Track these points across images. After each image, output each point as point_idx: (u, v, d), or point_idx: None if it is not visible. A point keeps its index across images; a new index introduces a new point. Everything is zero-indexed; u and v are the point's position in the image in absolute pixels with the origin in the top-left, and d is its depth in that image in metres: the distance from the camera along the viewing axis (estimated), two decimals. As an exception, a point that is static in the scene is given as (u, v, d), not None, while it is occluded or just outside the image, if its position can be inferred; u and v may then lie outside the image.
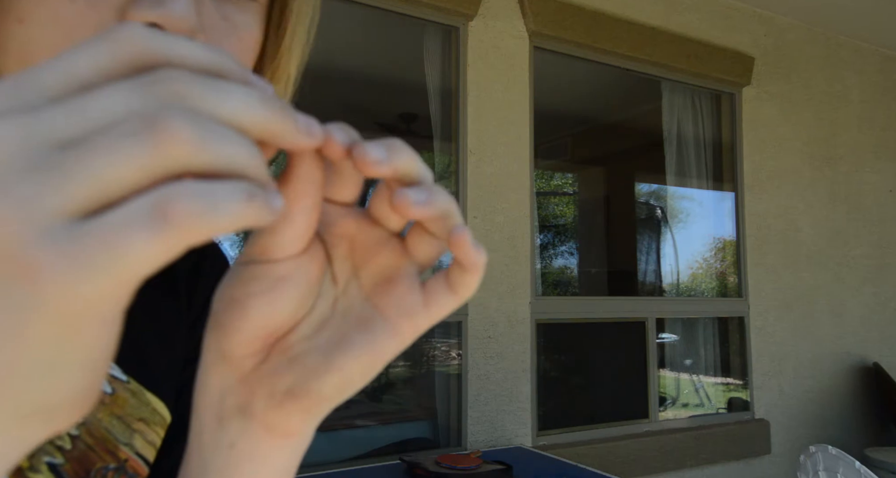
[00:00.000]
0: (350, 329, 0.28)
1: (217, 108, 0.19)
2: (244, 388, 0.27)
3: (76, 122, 0.18)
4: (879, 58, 4.18)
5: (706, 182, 3.57)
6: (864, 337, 3.87)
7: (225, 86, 0.19)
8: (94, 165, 0.17)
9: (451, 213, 0.25)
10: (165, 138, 0.17)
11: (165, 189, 0.17)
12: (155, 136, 0.17)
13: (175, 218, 0.17)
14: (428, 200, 0.24)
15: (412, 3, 2.59)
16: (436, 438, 2.70)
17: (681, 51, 3.28)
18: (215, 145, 0.18)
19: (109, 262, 0.17)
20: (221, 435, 0.28)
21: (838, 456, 2.10)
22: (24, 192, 0.17)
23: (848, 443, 3.63)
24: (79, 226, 0.17)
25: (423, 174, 0.26)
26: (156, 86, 0.18)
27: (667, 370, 3.54)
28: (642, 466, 2.91)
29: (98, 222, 0.17)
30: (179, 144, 0.17)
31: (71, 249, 0.16)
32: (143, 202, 0.17)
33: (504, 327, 2.69)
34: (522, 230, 2.77)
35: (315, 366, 0.27)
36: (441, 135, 2.77)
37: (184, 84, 0.18)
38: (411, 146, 0.27)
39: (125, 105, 0.18)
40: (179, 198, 0.17)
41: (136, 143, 0.17)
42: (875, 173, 4.06)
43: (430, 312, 0.27)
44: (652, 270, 5.32)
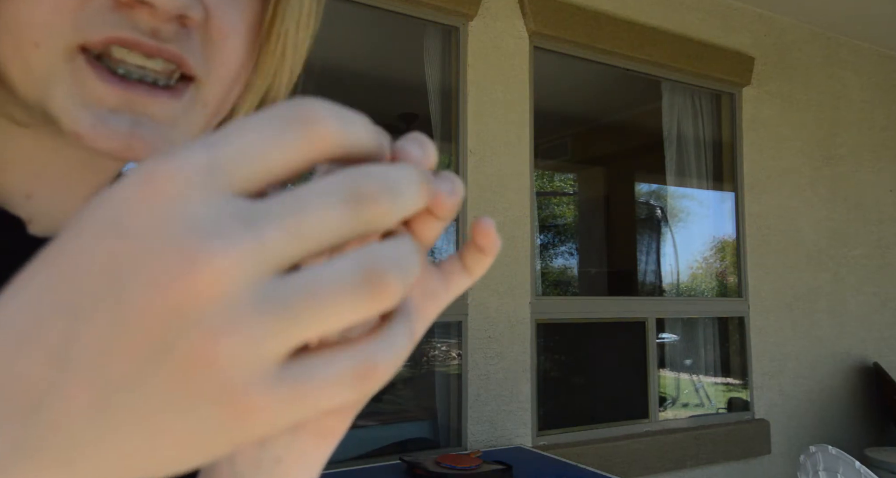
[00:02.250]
0: (438, 285, 0.29)
1: (402, 215, 0.19)
2: None
3: (297, 244, 0.17)
4: (879, 58, 4.18)
5: (706, 182, 3.57)
6: (864, 337, 3.87)
7: (401, 184, 0.19)
8: (318, 312, 0.17)
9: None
10: (382, 295, 0.18)
11: (370, 348, 0.18)
12: (375, 292, 0.17)
13: (372, 376, 0.18)
14: (453, 190, 0.24)
15: (412, 3, 2.59)
16: (436, 438, 2.70)
17: (681, 51, 3.28)
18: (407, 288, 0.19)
19: (311, 410, 0.18)
20: (263, 454, 0.29)
21: (838, 456, 2.10)
22: (253, 331, 0.16)
23: (848, 443, 3.64)
24: (292, 370, 0.17)
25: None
26: (363, 204, 0.18)
27: (667, 370, 3.54)
28: (642, 466, 2.91)
29: (310, 373, 0.17)
30: (389, 299, 0.18)
31: (284, 398, 0.17)
32: (350, 360, 0.18)
33: (504, 327, 2.69)
34: (522, 230, 2.77)
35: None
36: (441, 135, 2.77)
37: (383, 200, 0.18)
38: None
39: (338, 229, 0.18)
40: (379, 361, 0.18)
41: (358, 296, 0.17)
42: (875, 173, 4.06)
43: (449, 293, 0.29)
44: (652, 270, 5.32)
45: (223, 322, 0.16)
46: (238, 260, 0.16)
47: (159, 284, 0.16)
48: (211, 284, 0.16)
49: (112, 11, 0.32)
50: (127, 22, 0.32)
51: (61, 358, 0.16)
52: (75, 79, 0.32)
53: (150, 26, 0.32)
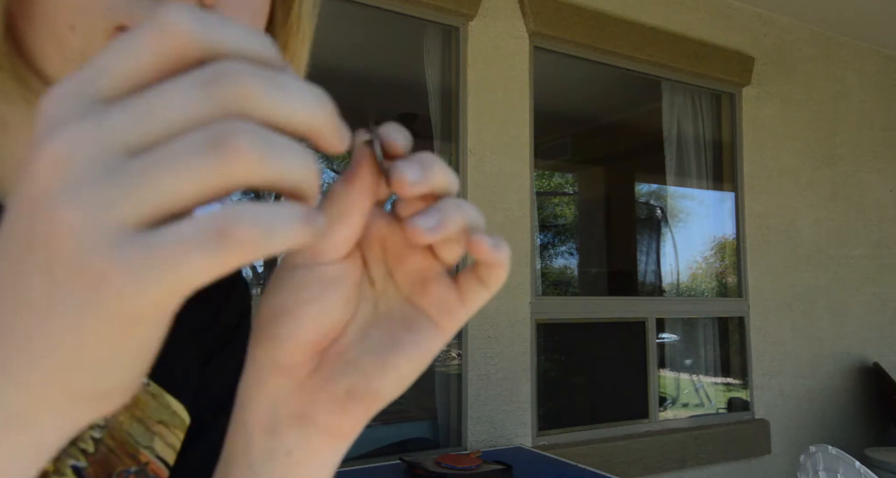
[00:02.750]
0: (397, 330, 0.28)
1: (277, 109, 0.19)
2: (301, 396, 0.28)
3: (142, 127, 0.18)
4: (879, 58, 4.18)
5: (706, 182, 3.57)
6: (864, 337, 3.87)
7: (283, 82, 0.19)
8: (162, 178, 0.17)
9: (469, 223, 0.26)
10: (231, 156, 0.18)
11: (227, 211, 0.18)
12: (222, 153, 0.18)
13: (234, 240, 0.17)
14: (439, 224, 0.25)
15: (412, 3, 2.59)
16: (436, 438, 2.70)
17: (681, 51, 3.28)
18: (278, 162, 0.18)
19: (168, 276, 0.17)
20: (275, 445, 0.29)
21: (838, 456, 2.10)
22: (95, 199, 0.17)
23: (848, 443, 3.63)
24: (142, 238, 0.17)
25: (452, 186, 0.27)
26: (217, 86, 0.18)
27: (667, 370, 3.54)
28: (642, 466, 2.91)
29: (161, 237, 0.17)
30: (245, 162, 0.18)
31: (134, 261, 0.17)
32: (206, 222, 0.17)
33: (504, 327, 2.69)
34: (522, 230, 2.77)
35: (371, 367, 0.28)
36: (441, 135, 2.77)
37: (244, 83, 0.18)
38: (415, 149, 0.28)
39: (189, 109, 0.18)
40: (241, 221, 0.17)
41: (204, 159, 0.17)
42: (875, 173, 4.06)
43: (466, 308, 0.29)
44: (652, 270, 5.32)
45: (63, 196, 0.17)
46: (74, 140, 0.17)
47: (24, 180, 0.18)
48: (50, 166, 0.17)
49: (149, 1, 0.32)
50: (159, 4, 0.32)
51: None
52: None
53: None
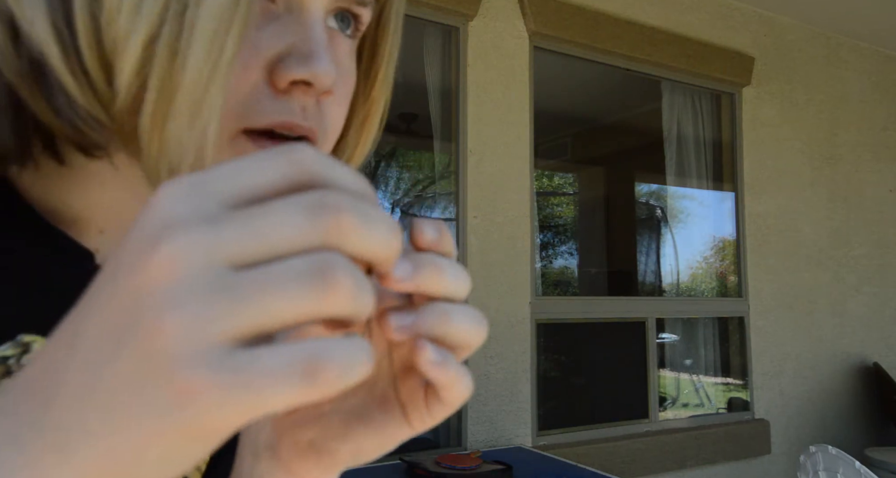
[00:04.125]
0: (373, 404, 0.29)
1: (366, 243, 0.20)
2: (274, 430, 0.30)
3: (254, 242, 0.19)
4: (879, 58, 4.18)
5: (706, 182, 3.57)
6: (864, 337, 3.87)
7: (373, 217, 0.21)
8: (267, 300, 0.18)
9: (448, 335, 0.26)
10: (331, 289, 0.19)
11: (319, 346, 0.18)
12: (323, 286, 0.18)
13: (322, 378, 0.18)
14: (411, 327, 0.25)
15: (412, 3, 2.59)
16: (436, 438, 2.70)
17: (681, 51, 3.28)
18: (364, 300, 0.20)
19: (254, 400, 0.18)
20: (255, 469, 0.30)
21: (838, 456, 2.10)
22: (202, 310, 0.18)
23: (848, 443, 3.63)
24: (237, 358, 0.18)
25: (455, 292, 0.26)
26: (321, 215, 0.19)
27: (667, 370, 3.54)
28: (642, 466, 2.91)
29: (255, 362, 0.18)
30: (340, 296, 0.19)
31: (226, 382, 0.17)
32: (298, 355, 0.18)
33: (504, 327, 2.69)
34: (522, 230, 2.77)
35: (336, 429, 0.28)
36: (441, 135, 2.77)
37: (343, 216, 0.20)
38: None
39: (296, 233, 0.19)
40: (331, 360, 0.18)
41: (307, 288, 0.18)
42: (875, 173, 4.06)
43: (430, 413, 0.28)
44: (652, 270, 5.32)
45: (172, 301, 0.18)
46: (192, 247, 0.18)
47: (131, 268, 0.19)
48: (164, 266, 0.18)
49: (273, 100, 0.34)
50: (284, 106, 0.34)
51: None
52: (236, 152, 0.34)
53: (300, 105, 0.35)
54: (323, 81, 0.34)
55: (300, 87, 0.34)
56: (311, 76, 0.33)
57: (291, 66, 0.33)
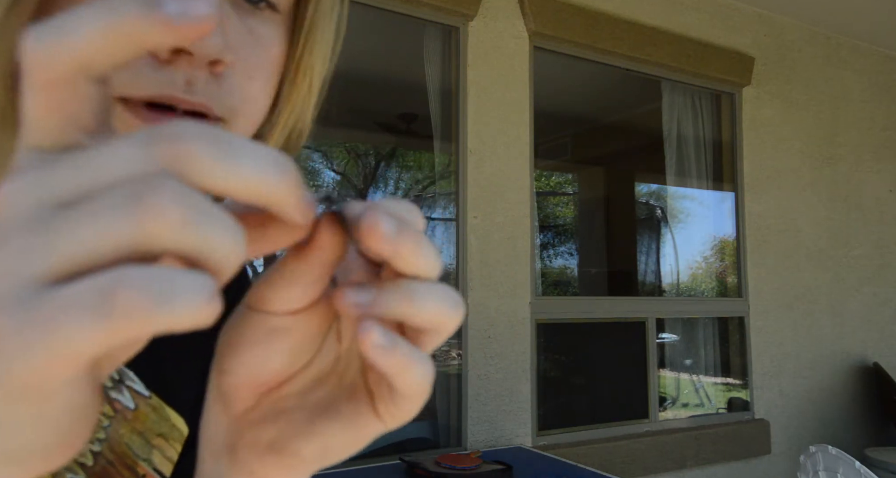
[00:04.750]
0: (341, 396, 0.26)
1: (223, 173, 0.18)
2: (234, 429, 0.27)
3: (76, 181, 0.17)
4: (879, 58, 4.18)
5: (706, 182, 3.57)
6: (864, 337, 3.87)
7: (236, 145, 0.18)
8: (79, 231, 0.16)
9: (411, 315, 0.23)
10: (149, 214, 0.16)
11: (119, 272, 0.16)
12: (138, 210, 0.16)
13: (121, 307, 0.16)
14: (369, 305, 0.23)
15: (412, 3, 2.59)
16: (436, 438, 2.70)
17: (681, 51, 3.28)
18: (203, 229, 0.17)
19: (55, 343, 0.16)
20: (215, 469, 0.28)
21: (838, 456, 2.10)
22: (14, 251, 0.16)
23: (848, 443, 3.63)
24: (41, 296, 0.16)
25: (428, 267, 0.23)
26: (158, 143, 0.18)
27: (667, 370, 3.54)
28: (642, 466, 2.91)
29: (53, 298, 0.16)
30: (164, 224, 0.17)
31: (21, 323, 0.16)
32: (93, 283, 0.16)
33: (504, 327, 2.69)
34: (522, 230, 2.77)
35: (299, 425, 0.26)
36: (441, 135, 2.77)
37: (188, 140, 0.18)
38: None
39: (128, 164, 0.17)
40: (131, 284, 0.16)
41: (119, 215, 0.16)
42: (875, 173, 4.06)
43: (396, 404, 0.25)
44: (652, 270, 5.32)
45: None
46: (21, 187, 0.17)
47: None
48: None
49: (153, 70, 0.32)
50: (166, 78, 0.32)
51: None
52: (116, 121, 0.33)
53: (185, 77, 0.32)
54: (204, 51, 0.31)
55: (183, 56, 0.32)
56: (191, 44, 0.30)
57: None
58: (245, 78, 0.36)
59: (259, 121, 0.39)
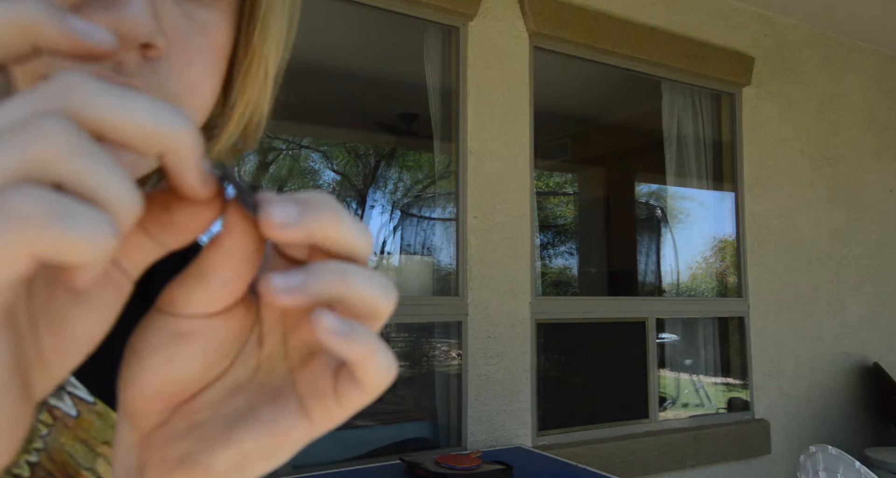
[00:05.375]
0: (262, 401, 0.24)
1: (116, 115, 0.18)
2: (142, 449, 0.25)
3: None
4: (879, 58, 4.18)
5: (706, 182, 3.57)
6: (864, 337, 3.87)
7: (130, 95, 0.18)
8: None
9: (349, 296, 0.22)
10: (36, 141, 0.17)
11: (12, 188, 0.16)
12: (27, 138, 0.17)
13: (16, 215, 0.16)
14: (298, 288, 0.21)
15: (412, 3, 2.59)
16: (436, 438, 2.70)
17: (681, 51, 3.28)
18: (88, 162, 0.17)
19: None
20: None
21: (838, 456, 2.10)
22: None
23: (848, 443, 3.64)
24: None
25: (353, 244, 0.22)
26: (55, 88, 0.18)
27: (667, 370, 3.54)
28: (642, 466, 2.91)
29: None
30: (50, 151, 0.17)
31: None
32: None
33: (504, 327, 2.69)
34: (522, 230, 2.77)
35: (213, 436, 0.24)
36: (441, 135, 2.77)
37: (85, 84, 0.18)
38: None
39: (22, 108, 0.18)
40: (22, 198, 0.16)
41: (7, 144, 0.16)
42: (875, 173, 4.06)
43: (340, 404, 0.23)
44: (652, 270, 5.32)
45: None
46: None
47: None
48: None
49: None
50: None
51: None
52: None
53: (115, 58, 0.31)
54: (130, 32, 0.30)
55: None
56: (113, 24, 0.29)
57: (92, 11, 0.29)
58: (184, 63, 0.35)
59: (207, 108, 0.38)
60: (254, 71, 0.40)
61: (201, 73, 0.36)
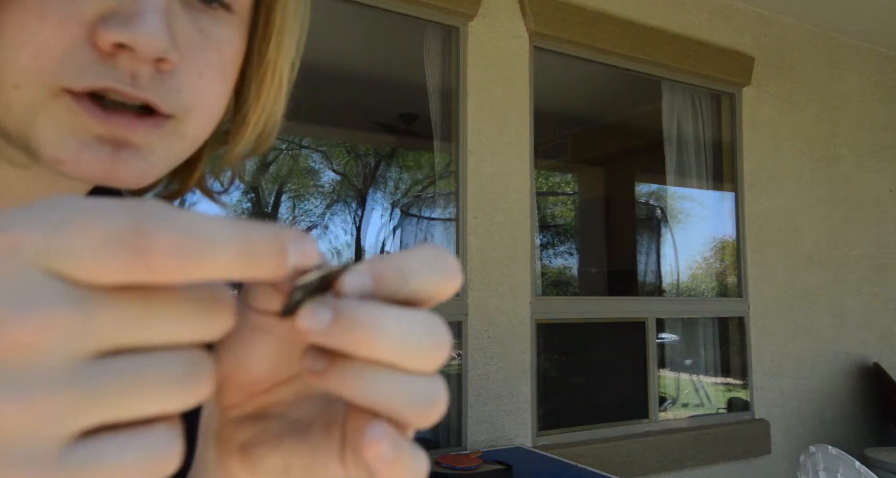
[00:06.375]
0: (319, 421, 0.25)
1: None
2: (222, 420, 0.27)
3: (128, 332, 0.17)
4: (879, 58, 4.18)
5: (706, 182, 3.57)
6: (864, 337, 3.87)
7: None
8: (134, 395, 0.17)
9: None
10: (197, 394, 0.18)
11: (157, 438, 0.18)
12: (193, 391, 0.18)
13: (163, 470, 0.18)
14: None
15: (412, 3, 2.59)
16: (436, 438, 2.70)
17: (681, 51, 3.28)
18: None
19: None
20: (203, 453, 0.28)
21: (838, 456, 2.10)
22: (52, 406, 0.16)
23: (848, 443, 3.64)
24: (81, 450, 0.16)
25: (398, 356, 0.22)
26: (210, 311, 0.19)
27: (667, 370, 3.54)
28: (642, 466, 2.91)
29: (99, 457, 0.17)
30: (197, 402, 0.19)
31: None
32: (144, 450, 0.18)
33: (504, 327, 2.69)
34: (522, 230, 2.77)
35: (273, 435, 0.25)
36: (441, 135, 2.77)
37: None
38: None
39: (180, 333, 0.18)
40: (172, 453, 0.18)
41: (179, 389, 0.18)
42: (875, 173, 4.06)
43: (360, 471, 0.23)
44: (652, 270, 5.32)
45: (21, 391, 0.15)
46: (51, 325, 0.16)
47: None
48: (11, 350, 0.15)
49: (95, 62, 0.32)
50: (108, 70, 0.32)
51: None
52: (63, 112, 0.33)
53: (129, 71, 0.33)
54: (146, 47, 0.31)
55: (125, 51, 0.32)
56: (131, 40, 0.31)
57: (110, 27, 0.31)
58: (195, 76, 0.36)
59: (215, 120, 0.39)
60: (268, 82, 0.41)
61: (211, 86, 0.37)
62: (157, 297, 0.18)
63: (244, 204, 5.81)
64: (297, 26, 0.42)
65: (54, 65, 0.32)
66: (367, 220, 6.01)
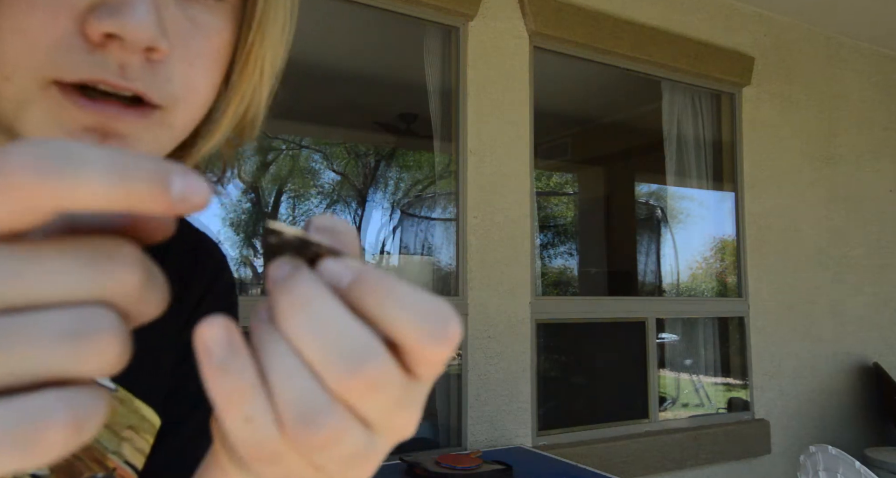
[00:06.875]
0: None
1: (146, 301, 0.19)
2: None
3: (17, 289, 0.17)
4: (879, 58, 4.18)
5: (706, 182, 3.57)
6: (864, 337, 3.87)
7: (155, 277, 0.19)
8: (16, 350, 0.16)
9: None
10: (89, 355, 0.17)
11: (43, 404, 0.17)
12: (81, 349, 0.17)
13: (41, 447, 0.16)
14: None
15: (412, 3, 2.59)
16: (436, 438, 2.70)
17: (681, 51, 3.28)
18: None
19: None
20: (221, 459, 0.27)
21: (838, 456, 2.10)
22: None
23: (848, 443, 3.63)
24: None
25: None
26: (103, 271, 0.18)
27: (667, 370, 3.54)
28: (642, 466, 2.91)
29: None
30: (96, 364, 0.17)
31: None
32: (16, 417, 0.16)
33: (504, 327, 2.69)
34: (522, 230, 2.77)
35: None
36: (441, 135, 2.77)
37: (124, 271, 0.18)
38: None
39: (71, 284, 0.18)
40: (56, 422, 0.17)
41: (66, 348, 0.17)
42: (875, 173, 4.06)
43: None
44: (652, 271, 5.32)
45: None
46: None
47: None
48: None
49: (85, 53, 0.32)
50: (98, 61, 0.32)
51: None
52: (51, 104, 0.33)
53: (118, 62, 0.32)
54: (135, 37, 0.31)
55: (115, 41, 0.32)
56: (120, 29, 0.31)
57: (100, 16, 0.31)
58: (185, 66, 0.36)
59: (203, 108, 0.39)
60: (249, 70, 0.41)
61: (201, 75, 0.37)
62: (39, 248, 0.17)
63: (244, 204, 5.82)
64: (282, 15, 0.41)
65: (45, 57, 0.31)
66: (367, 220, 6.01)
